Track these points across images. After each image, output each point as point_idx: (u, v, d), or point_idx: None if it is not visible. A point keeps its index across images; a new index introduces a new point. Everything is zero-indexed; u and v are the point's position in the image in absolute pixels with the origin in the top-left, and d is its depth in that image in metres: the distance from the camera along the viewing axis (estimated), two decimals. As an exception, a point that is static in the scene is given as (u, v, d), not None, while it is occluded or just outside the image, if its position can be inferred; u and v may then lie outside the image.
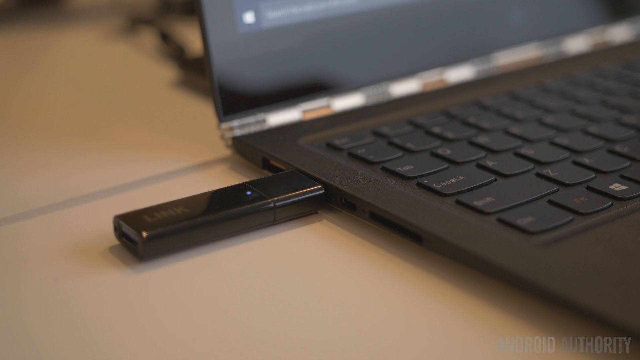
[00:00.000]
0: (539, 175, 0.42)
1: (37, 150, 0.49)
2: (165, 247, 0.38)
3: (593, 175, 0.42)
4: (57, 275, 0.37)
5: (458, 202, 0.40)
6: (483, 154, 0.45)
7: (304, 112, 0.49)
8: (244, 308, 0.35)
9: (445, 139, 0.46)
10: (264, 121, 0.48)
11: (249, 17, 0.47)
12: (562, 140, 0.46)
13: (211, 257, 0.38)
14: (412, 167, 0.43)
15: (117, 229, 0.38)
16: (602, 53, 0.62)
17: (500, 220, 0.38)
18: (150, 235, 0.37)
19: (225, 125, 0.47)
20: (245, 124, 0.47)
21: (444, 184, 0.41)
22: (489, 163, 0.43)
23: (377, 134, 0.47)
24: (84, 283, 0.36)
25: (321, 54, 0.50)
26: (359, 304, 0.35)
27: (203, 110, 0.54)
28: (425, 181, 0.41)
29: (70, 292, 0.36)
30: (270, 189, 0.41)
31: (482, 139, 0.46)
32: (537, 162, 0.44)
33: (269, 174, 0.45)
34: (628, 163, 0.43)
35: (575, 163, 0.44)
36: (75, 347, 0.33)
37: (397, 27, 0.53)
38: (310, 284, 0.37)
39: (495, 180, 0.42)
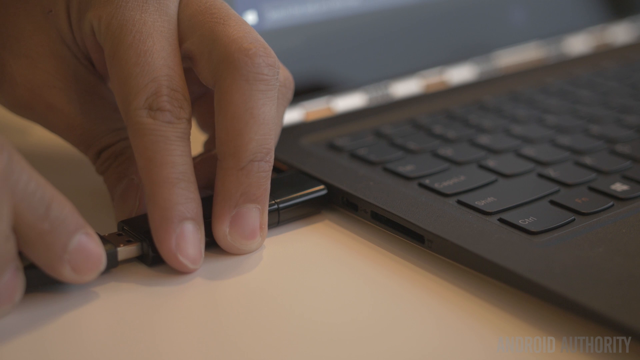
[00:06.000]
0: (540, 175, 0.43)
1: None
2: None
3: (594, 176, 0.42)
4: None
5: (459, 202, 0.40)
6: (484, 154, 0.45)
7: (306, 112, 0.49)
8: (247, 308, 0.35)
9: (447, 139, 0.47)
10: (266, 121, 0.48)
11: (250, 17, 0.47)
12: (563, 140, 0.46)
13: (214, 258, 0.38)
14: (414, 167, 0.43)
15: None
16: (603, 53, 0.62)
17: (501, 221, 0.38)
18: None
19: (227, 125, 0.47)
20: (247, 125, 0.47)
21: (445, 184, 0.41)
22: (491, 163, 0.44)
23: (378, 134, 0.47)
24: (86, 284, 0.36)
25: (323, 55, 0.51)
26: (360, 303, 0.35)
27: (205, 111, 0.54)
28: (427, 181, 0.41)
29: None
30: (274, 190, 0.40)
31: (483, 139, 0.46)
32: (539, 163, 0.44)
33: (271, 174, 0.45)
34: (629, 163, 0.44)
35: (576, 163, 0.44)
36: (76, 347, 0.33)
37: (398, 27, 0.53)
38: (313, 284, 0.37)
39: (497, 180, 0.42)
